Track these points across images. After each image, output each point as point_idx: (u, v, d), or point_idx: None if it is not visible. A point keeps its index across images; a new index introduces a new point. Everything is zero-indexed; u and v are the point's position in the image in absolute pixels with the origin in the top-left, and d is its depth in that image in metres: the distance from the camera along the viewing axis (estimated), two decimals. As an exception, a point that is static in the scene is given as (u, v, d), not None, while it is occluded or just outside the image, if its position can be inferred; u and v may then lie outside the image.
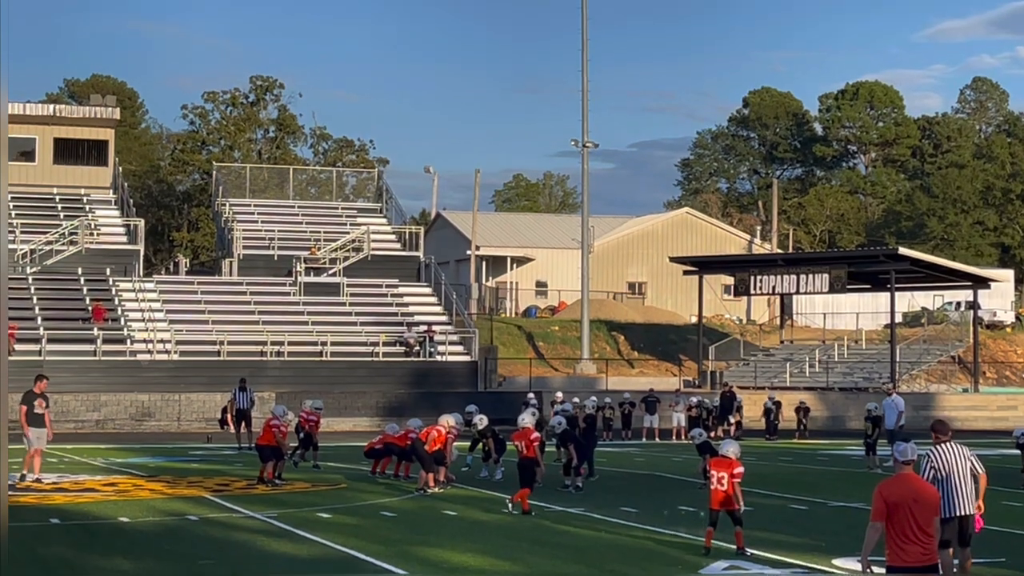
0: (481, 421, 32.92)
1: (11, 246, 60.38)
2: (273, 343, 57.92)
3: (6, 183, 8.57)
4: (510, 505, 24.90)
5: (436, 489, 28.43)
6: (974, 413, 63.44)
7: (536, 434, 26.76)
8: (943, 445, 16.49)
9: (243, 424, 43.06)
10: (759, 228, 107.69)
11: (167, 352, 56.92)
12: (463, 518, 24.24)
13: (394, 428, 33.61)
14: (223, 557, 19.46)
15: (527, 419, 27.53)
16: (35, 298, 57.84)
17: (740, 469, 20.14)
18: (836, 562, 19.28)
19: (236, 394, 43.90)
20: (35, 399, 30.33)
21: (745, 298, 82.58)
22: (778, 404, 52.65)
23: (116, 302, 59.45)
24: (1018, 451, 32.93)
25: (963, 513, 16.34)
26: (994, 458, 37.57)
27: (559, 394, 51.45)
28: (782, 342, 75.73)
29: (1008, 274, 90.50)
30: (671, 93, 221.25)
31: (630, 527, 22.85)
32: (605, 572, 18.35)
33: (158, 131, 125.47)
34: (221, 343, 57.43)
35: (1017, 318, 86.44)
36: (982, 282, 70.68)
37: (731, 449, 20.41)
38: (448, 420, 29.91)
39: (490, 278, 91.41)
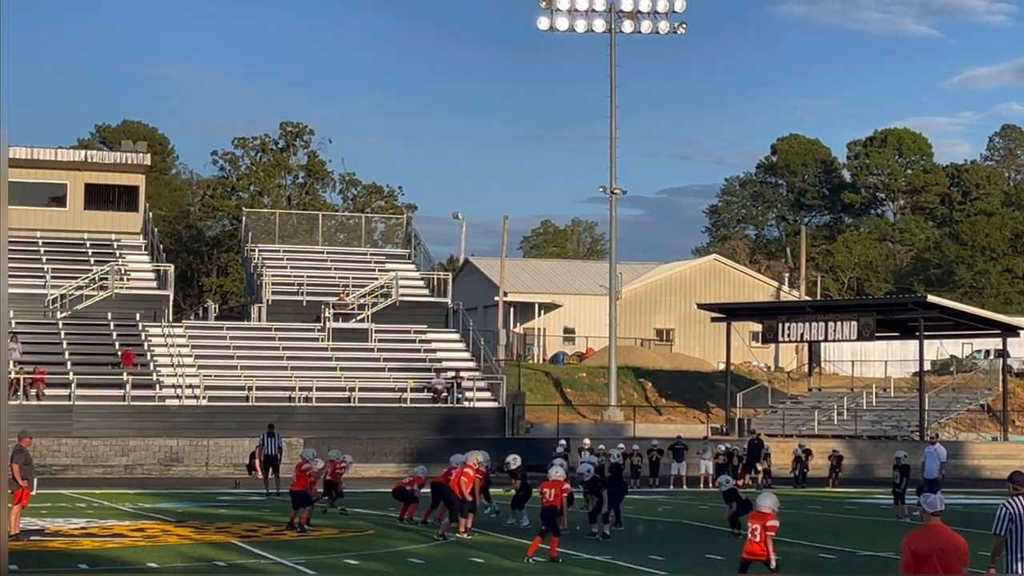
0: (515, 461, 32.93)
1: (41, 291, 60.73)
2: (301, 389, 58.00)
3: (6, 186, 8.67)
4: (529, 560, 24.58)
5: (464, 535, 28.43)
6: (1003, 462, 62.98)
7: (567, 486, 26.87)
8: (1021, 497, 15.52)
9: (271, 470, 43.13)
10: (787, 275, 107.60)
11: (196, 397, 57.02)
12: (490, 565, 24.26)
13: (423, 471, 33.74)
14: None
15: (560, 471, 27.19)
16: (65, 343, 58.07)
17: (774, 522, 19.89)
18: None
19: (264, 439, 43.98)
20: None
21: (773, 345, 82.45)
22: (808, 452, 52.48)
23: (145, 347, 59.62)
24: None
25: None
26: None
27: (586, 441, 51.47)
28: (810, 390, 75.55)
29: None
30: (699, 140, 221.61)
31: (658, 575, 22.83)
32: (632, 621, 18.36)
33: (188, 177, 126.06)
34: (249, 388, 57.53)
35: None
36: (1011, 330, 70.44)
37: (767, 502, 20.17)
38: (477, 456, 30.00)
39: (518, 324, 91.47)
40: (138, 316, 61.69)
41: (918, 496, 38.41)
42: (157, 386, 56.96)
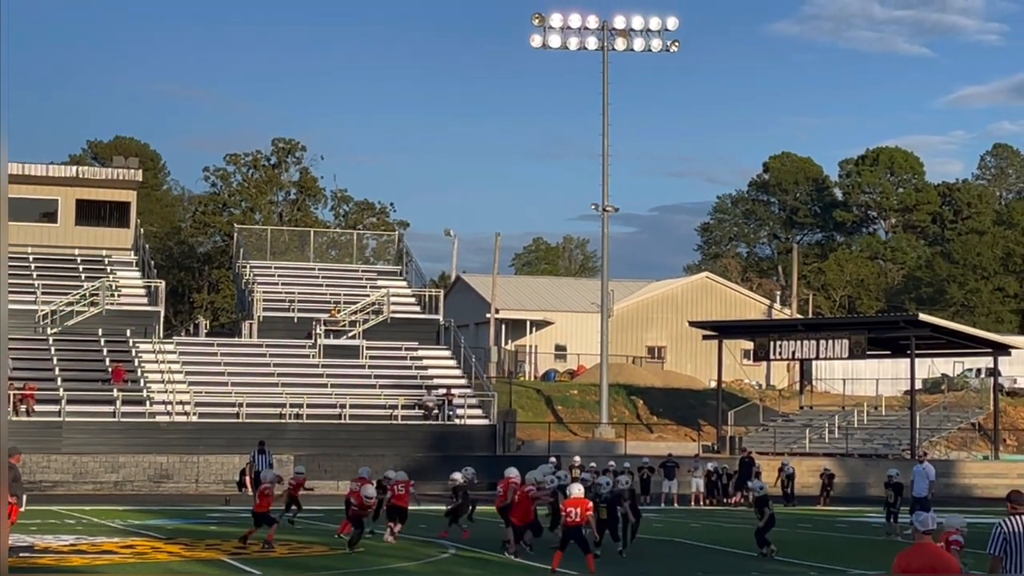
0: (464, 474, 33.22)
1: (32, 307, 60.63)
2: (292, 405, 57.95)
3: (5, 191, 8.61)
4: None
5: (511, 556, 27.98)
6: (994, 481, 63.05)
7: (590, 504, 27.09)
8: (1018, 516, 15.27)
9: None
10: (779, 293, 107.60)
11: (186, 414, 56.96)
12: (481, 583, 24.19)
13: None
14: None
15: (581, 489, 27.04)
16: (55, 359, 58.01)
17: None
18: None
19: (255, 456, 43.93)
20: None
21: (764, 363, 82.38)
22: (782, 468, 52.36)
23: (136, 363, 59.56)
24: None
25: None
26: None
27: (577, 459, 51.40)
28: (801, 408, 75.47)
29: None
30: (692, 157, 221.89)
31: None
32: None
33: (180, 193, 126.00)
34: (240, 405, 57.48)
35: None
36: (1002, 349, 70.45)
37: None
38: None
39: (509, 341, 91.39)
40: (129, 332, 61.65)
41: (911, 515, 38.46)
42: (147, 402, 56.89)
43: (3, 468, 8.86)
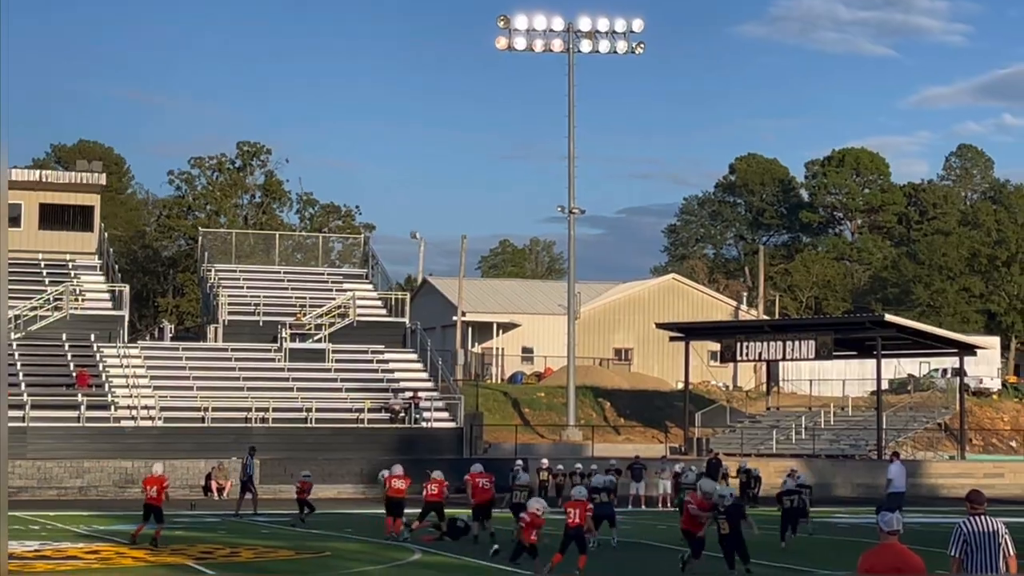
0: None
1: (-4, 311, 60.14)
2: (258, 409, 57.71)
3: (6, 186, 8.48)
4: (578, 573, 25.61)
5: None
6: (960, 480, 63.13)
7: (591, 505, 28.41)
8: (977, 517, 15.29)
9: (247, 492, 43.21)
10: (745, 294, 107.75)
11: (151, 418, 56.67)
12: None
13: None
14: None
15: (583, 491, 28.58)
16: (19, 364, 57.57)
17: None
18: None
19: (248, 460, 44.03)
20: None
21: (731, 364, 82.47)
22: (748, 472, 52.39)
23: (100, 368, 59.25)
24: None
25: None
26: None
27: (544, 461, 51.43)
28: (768, 408, 75.62)
29: (994, 341, 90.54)
30: (658, 159, 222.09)
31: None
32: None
33: (144, 196, 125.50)
34: (206, 409, 57.22)
35: (1003, 385, 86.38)
36: (968, 349, 70.68)
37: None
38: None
39: (476, 344, 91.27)
40: (93, 337, 61.31)
41: (876, 514, 38.49)
42: (112, 407, 56.61)
43: (3, 470, 8.72)
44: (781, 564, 28.29)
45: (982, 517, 15.36)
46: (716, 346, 74.88)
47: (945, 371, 79.87)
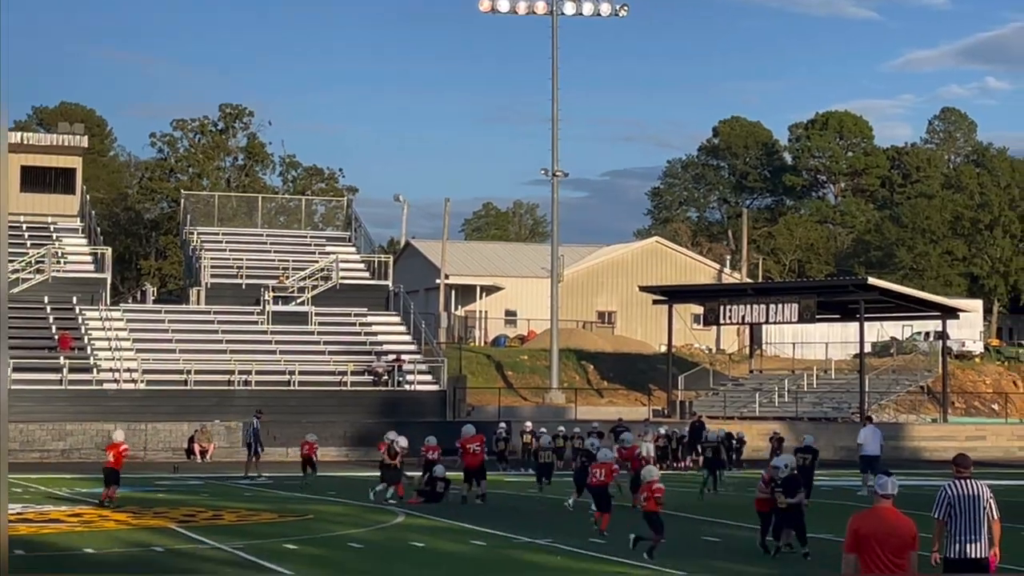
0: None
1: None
2: (241, 372, 57.61)
3: (6, 181, 8.38)
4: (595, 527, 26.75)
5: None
6: (943, 443, 63.36)
7: (616, 466, 29.75)
8: (962, 480, 15.40)
9: (255, 455, 43.36)
10: (729, 257, 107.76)
11: (134, 381, 56.55)
12: (430, 549, 24.05)
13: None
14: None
15: (609, 454, 29.75)
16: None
17: None
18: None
19: (255, 423, 44.02)
20: None
21: (715, 327, 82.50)
22: (728, 436, 52.35)
23: (83, 331, 59.09)
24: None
25: (977, 555, 15.11)
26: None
27: (528, 424, 51.44)
28: (751, 372, 75.71)
29: (977, 304, 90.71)
30: (642, 122, 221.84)
31: (598, 559, 22.69)
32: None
33: (126, 159, 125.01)
34: (188, 372, 57.10)
35: (986, 348, 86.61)
36: (951, 312, 70.75)
37: None
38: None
39: (459, 307, 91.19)
40: (75, 299, 61.14)
41: (862, 475, 38.60)
42: (95, 370, 56.48)
43: (3, 459, 8.64)
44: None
45: (967, 481, 15.39)
46: (699, 309, 74.93)
47: (928, 334, 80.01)
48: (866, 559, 12.16)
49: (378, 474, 34.60)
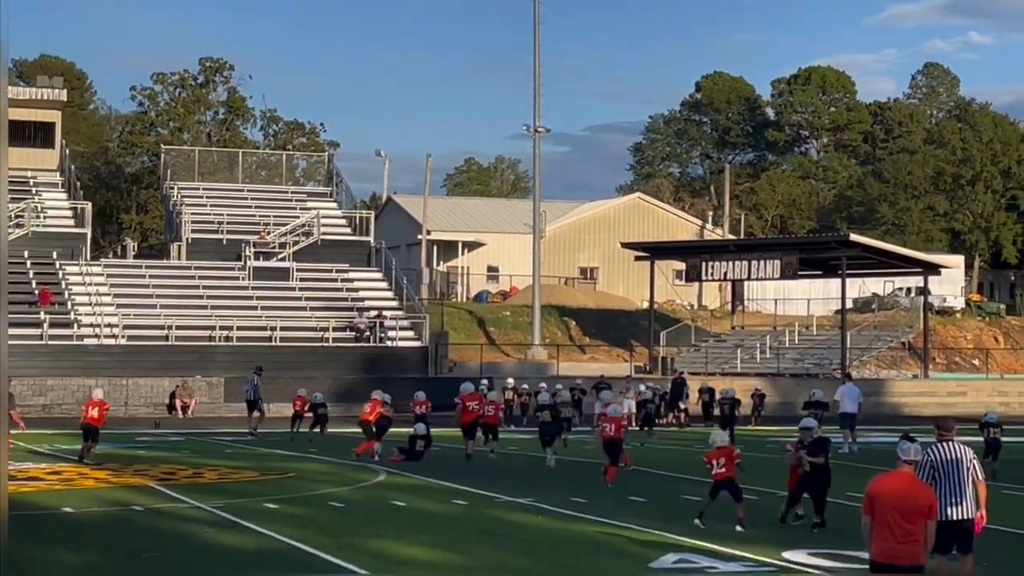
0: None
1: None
2: (222, 328, 57.50)
3: (6, 175, 8.24)
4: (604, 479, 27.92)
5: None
6: (923, 399, 63.58)
7: (625, 422, 31.17)
8: (945, 443, 15.43)
9: (254, 410, 43.30)
10: (711, 213, 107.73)
11: (114, 336, 56.41)
12: (412, 508, 23.98)
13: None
14: (168, 550, 19.13)
15: (619, 409, 31.22)
16: (-20, 282, 57.10)
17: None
18: (785, 554, 19.11)
19: (255, 380, 44.00)
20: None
21: (697, 284, 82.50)
22: (711, 391, 52.43)
23: (63, 286, 58.89)
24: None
25: (960, 517, 15.19)
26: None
27: (510, 380, 51.43)
28: (733, 328, 75.74)
29: (958, 260, 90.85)
30: (625, 77, 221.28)
31: (580, 518, 22.65)
32: (555, 566, 18.15)
33: (107, 112, 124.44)
34: (169, 328, 56.97)
35: (967, 304, 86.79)
36: (932, 268, 70.79)
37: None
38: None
39: (441, 263, 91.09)
40: (55, 254, 60.92)
41: (842, 432, 38.62)
42: (75, 325, 56.34)
43: (3, 445, 8.54)
44: (745, 485, 28.22)
45: (949, 444, 15.38)
46: (681, 265, 74.87)
47: (909, 290, 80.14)
48: (878, 521, 12.20)
49: (360, 430, 34.77)
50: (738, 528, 21.58)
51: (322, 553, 18.73)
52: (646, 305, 74.49)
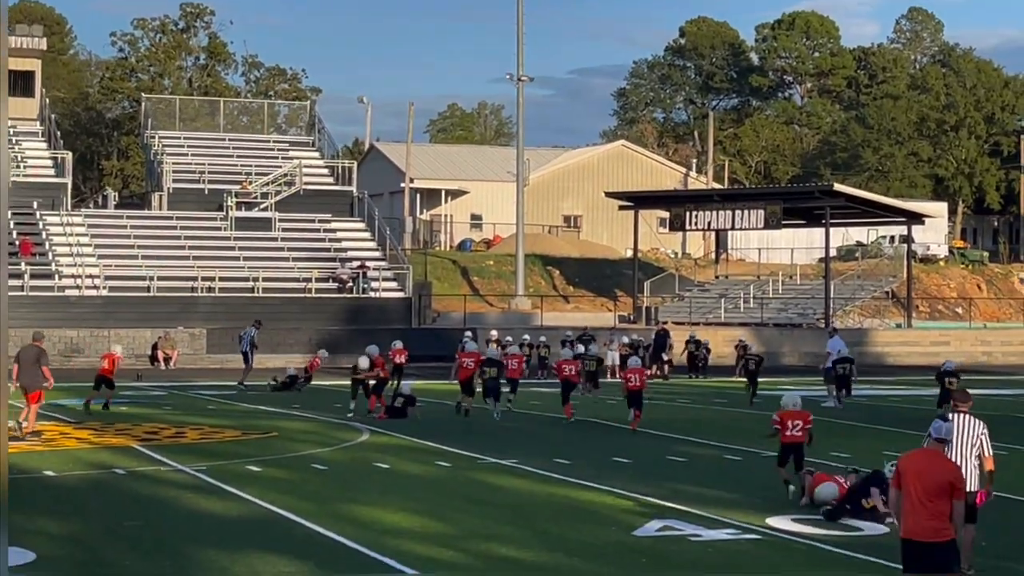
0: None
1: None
2: (204, 279, 57.28)
3: (6, 172, 8.05)
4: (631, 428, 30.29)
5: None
6: (907, 349, 63.70)
7: (647, 372, 34.56)
8: (958, 415, 15.44)
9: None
10: (695, 160, 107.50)
11: (96, 287, 56.18)
12: (394, 471, 23.86)
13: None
14: (149, 517, 18.98)
15: (638, 361, 33.86)
16: (-39, 232, 56.80)
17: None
18: (770, 521, 19.01)
19: (252, 332, 44.00)
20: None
21: (681, 232, 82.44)
22: (698, 343, 52.43)
23: (44, 236, 58.61)
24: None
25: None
26: (928, 398, 37.60)
27: (494, 332, 51.19)
28: (717, 277, 75.69)
29: (942, 208, 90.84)
30: (609, 19, 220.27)
31: (564, 481, 22.54)
32: (537, 533, 18.03)
33: (87, 58, 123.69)
34: (151, 279, 56.75)
35: (950, 251, 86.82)
36: (916, 218, 70.80)
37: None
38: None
39: (424, 211, 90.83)
40: (35, 204, 60.60)
41: (827, 387, 38.59)
42: (56, 276, 56.10)
43: (2, 422, 8.41)
44: (729, 444, 28.21)
45: (963, 416, 15.44)
46: (666, 214, 74.74)
47: (892, 238, 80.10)
48: (906, 497, 12.27)
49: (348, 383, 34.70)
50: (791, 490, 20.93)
51: (305, 521, 18.60)
52: (630, 254, 74.44)
